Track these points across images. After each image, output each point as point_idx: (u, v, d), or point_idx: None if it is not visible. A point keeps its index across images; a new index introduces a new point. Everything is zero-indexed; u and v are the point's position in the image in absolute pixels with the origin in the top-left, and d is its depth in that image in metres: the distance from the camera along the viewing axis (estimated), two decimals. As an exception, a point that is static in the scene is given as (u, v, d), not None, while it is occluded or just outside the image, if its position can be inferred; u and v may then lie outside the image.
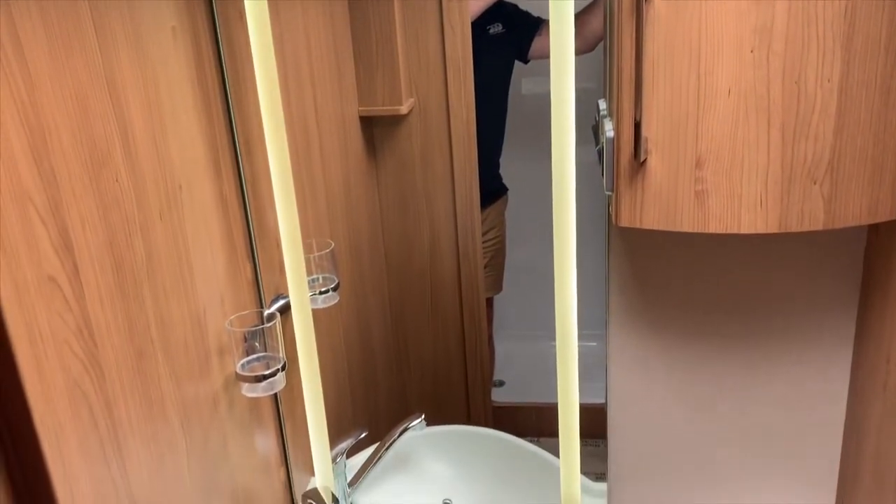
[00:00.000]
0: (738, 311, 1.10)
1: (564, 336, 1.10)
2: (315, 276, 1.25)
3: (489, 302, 2.14)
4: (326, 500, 1.22)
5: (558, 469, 1.22)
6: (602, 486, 1.24)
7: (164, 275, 0.89)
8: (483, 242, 1.90)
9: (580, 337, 1.12)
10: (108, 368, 0.78)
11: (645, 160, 0.85)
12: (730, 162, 0.84)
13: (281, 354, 1.07)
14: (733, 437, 1.18)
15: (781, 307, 1.09)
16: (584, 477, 1.23)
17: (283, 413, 1.24)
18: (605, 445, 1.22)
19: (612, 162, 0.87)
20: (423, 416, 1.41)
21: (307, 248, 1.19)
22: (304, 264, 1.16)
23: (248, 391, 1.05)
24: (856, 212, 0.84)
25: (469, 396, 2.04)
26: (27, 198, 0.66)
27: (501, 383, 2.37)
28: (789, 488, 1.19)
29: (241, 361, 1.05)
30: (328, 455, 1.29)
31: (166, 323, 0.90)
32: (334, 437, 1.30)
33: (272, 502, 1.23)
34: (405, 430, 1.37)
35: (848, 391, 1.12)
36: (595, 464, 1.24)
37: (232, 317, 1.05)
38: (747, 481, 1.20)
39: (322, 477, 1.29)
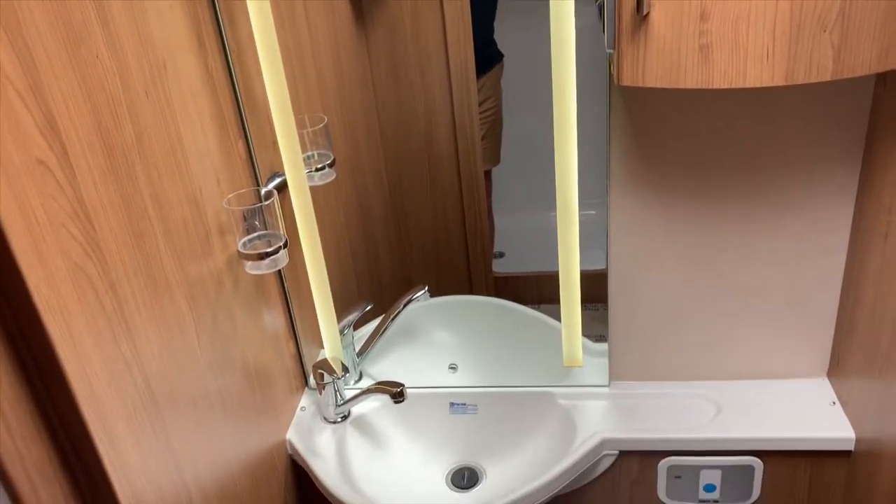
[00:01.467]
0: (740, 169, 1.09)
1: (565, 195, 1.10)
2: (310, 153, 1.23)
3: (487, 174, 2.12)
4: (336, 370, 1.25)
5: (560, 332, 1.25)
6: (603, 346, 1.28)
7: (157, 154, 0.87)
8: (479, 113, 1.86)
9: (579, 206, 1.12)
10: (109, 250, 0.77)
11: (648, 14, 0.81)
12: (736, 12, 0.80)
13: (282, 232, 1.07)
14: (733, 294, 1.20)
15: (784, 162, 1.08)
16: (584, 338, 1.26)
17: (289, 289, 1.26)
18: (605, 309, 1.24)
19: (614, 17, 0.83)
20: (426, 288, 1.43)
21: (300, 124, 1.16)
22: (297, 139, 1.14)
23: (252, 269, 1.06)
24: (865, 60, 0.81)
25: (470, 269, 2.06)
26: (4, 77, 0.63)
27: (501, 255, 2.38)
28: (787, 341, 1.22)
29: (243, 240, 1.05)
30: (335, 327, 1.31)
31: (163, 203, 0.89)
32: (340, 310, 1.32)
33: (284, 374, 1.26)
34: (409, 301, 1.40)
35: (848, 244, 1.12)
36: (595, 327, 1.27)
37: (229, 196, 1.04)
38: (746, 336, 1.23)
39: (331, 348, 1.33)
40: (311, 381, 1.37)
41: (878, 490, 1.05)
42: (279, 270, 1.23)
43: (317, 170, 1.23)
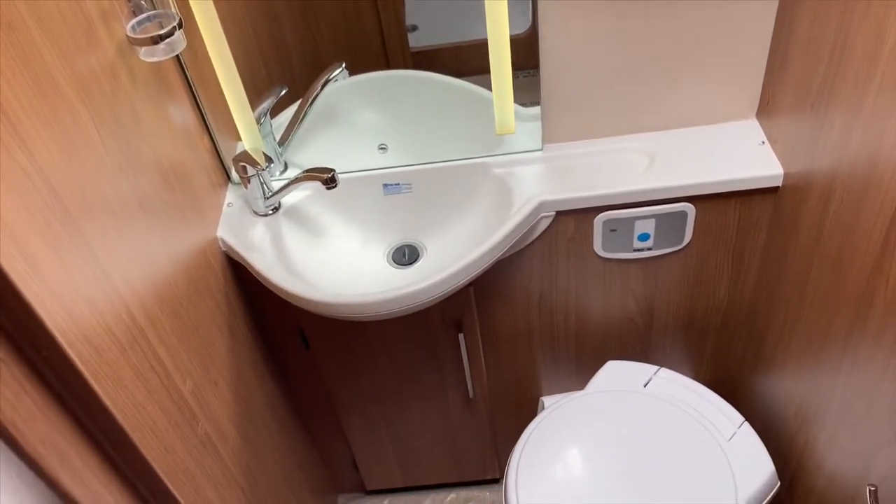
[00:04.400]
0: None
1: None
2: (191, -84, 1.06)
3: (392, -66, 1.93)
4: (259, 161, 1.19)
5: (489, 101, 1.20)
6: (534, 110, 1.24)
7: (4, -77, 0.73)
8: None
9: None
10: (-28, 44, 0.66)
11: None
12: None
13: (174, 11, 0.94)
14: (663, 42, 1.15)
15: None
16: (515, 104, 1.22)
17: (192, 78, 1.14)
18: (525, 76, 1.18)
19: None
20: (343, 65, 1.34)
21: None
22: None
23: (147, 55, 0.94)
24: None
25: (385, 45, 1.93)
26: None
27: (415, 28, 2.25)
28: (718, 85, 1.21)
29: (131, 23, 0.92)
30: (250, 115, 1.23)
31: (27, -14, 0.75)
32: (253, 98, 1.23)
33: (202, 170, 1.19)
34: (328, 81, 1.31)
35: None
36: (522, 96, 1.22)
37: (104, -29, 0.90)
38: (677, 84, 1.21)
39: (249, 139, 1.25)
40: (234, 175, 1.30)
41: (804, 219, 1.09)
42: (179, 58, 1.11)
43: (202, -65, 1.07)
